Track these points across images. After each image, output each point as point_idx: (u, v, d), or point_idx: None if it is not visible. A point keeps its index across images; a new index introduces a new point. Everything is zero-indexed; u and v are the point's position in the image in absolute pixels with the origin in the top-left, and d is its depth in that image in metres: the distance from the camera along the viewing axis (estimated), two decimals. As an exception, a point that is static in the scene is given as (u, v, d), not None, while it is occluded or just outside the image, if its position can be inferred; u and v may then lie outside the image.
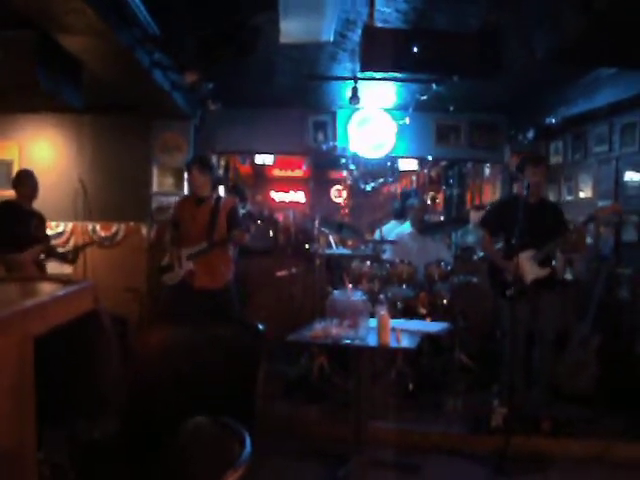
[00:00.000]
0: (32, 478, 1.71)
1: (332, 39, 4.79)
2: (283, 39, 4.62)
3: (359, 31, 4.83)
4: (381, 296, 5.11)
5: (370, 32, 4.43)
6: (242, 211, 6.76)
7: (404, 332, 4.51)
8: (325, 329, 4.43)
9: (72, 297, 2.18)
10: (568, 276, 6.98)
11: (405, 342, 4.34)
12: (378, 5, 4.46)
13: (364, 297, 4.54)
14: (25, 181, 6.31)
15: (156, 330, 2.66)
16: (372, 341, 4.28)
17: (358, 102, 6.69)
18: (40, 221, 6.43)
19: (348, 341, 4.30)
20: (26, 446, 1.69)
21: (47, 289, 2.48)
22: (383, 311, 4.34)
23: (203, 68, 5.36)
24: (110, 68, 5.39)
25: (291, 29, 4.45)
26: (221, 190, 8.45)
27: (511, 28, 4.71)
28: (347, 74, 6.47)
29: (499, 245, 5.74)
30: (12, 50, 4.99)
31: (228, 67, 5.63)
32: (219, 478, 1.42)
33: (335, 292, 4.79)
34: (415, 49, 4.29)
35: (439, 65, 4.65)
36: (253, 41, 4.48)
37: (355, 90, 6.56)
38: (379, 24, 4.69)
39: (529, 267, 5.29)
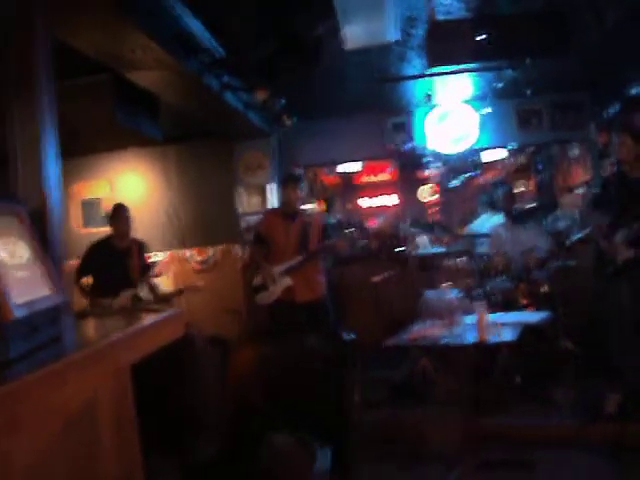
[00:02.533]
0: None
1: (397, 39, 4.75)
2: (348, 45, 4.61)
3: (423, 27, 4.77)
4: (477, 292, 5.01)
5: (433, 26, 4.37)
6: (332, 221, 6.75)
7: (504, 325, 4.41)
8: (422, 330, 4.39)
9: (162, 325, 2.21)
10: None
11: (505, 336, 4.24)
12: (437, -2, 4.41)
13: (457, 295, 4.47)
14: (121, 215, 6.16)
15: (248, 348, 2.69)
16: (470, 338, 4.20)
17: (432, 100, 6.61)
18: (138, 252, 6.24)
19: (446, 340, 4.24)
20: (133, 474, 1.72)
21: (137, 319, 2.54)
22: (480, 307, 4.26)
23: (271, 84, 5.41)
24: (183, 97, 5.52)
25: (354, 35, 4.44)
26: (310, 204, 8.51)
27: (574, 2, 4.55)
28: (418, 72, 6.40)
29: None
30: (90, 94, 5.20)
31: (297, 80, 5.67)
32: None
33: (427, 293, 4.74)
34: (480, 37, 4.21)
35: (507, 49, 4.55)
36: (317, 51, 4.49)
37: (428, 90, 6.49)
38: (442, 17, 4.63)
39: (621, 247, 5.03)
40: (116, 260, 6.01)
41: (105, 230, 7.32)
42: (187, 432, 2.43)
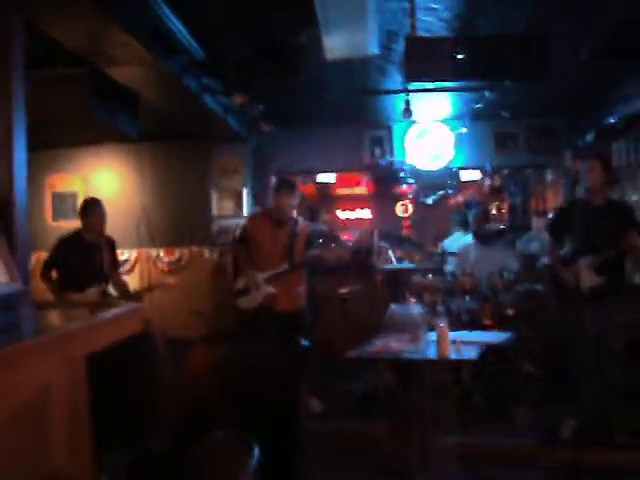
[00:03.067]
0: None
1: (377, 52, 4.77)
2: (329, 55, 4.62)
3: (404, 42, 4.80)
4: (440, 308, 5.05)
5: (412, 42, 4.40)
6: (320, 228, 6.73)
7: (465, 344, 4.43)
8: (385, 344, 4.40)
9: (119, 319, 2.20)
10: (638, 280, 6.73)
11: (466, 354, 4.27)
12: (420, 15, 4.44)
13: (422, 310, 4.49)
14: (94, 210, 5.99)
15: (204, 348, 2.68)
16: (432, 354, 4.22)
17: (411, 115, 6.65)
18: (108, 248, 6.11)
19: (408, 355, 4.25)
20: (85, 468, 1.70)
21: (95, 313, 2.53)
22: (442, 323, 4.28)
23: (250, 89, 5.41)
24: (161, 96, 5.52)
25: (335, 45, 4.45)
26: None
27: (556, 28, 4.62)
28: (398, 87, 6.45)
29: (565, 250, 5.56)
30: (68, 86, 5.17)
31: (276, 87, 5.68)
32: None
33: (393, 306, 4.75)
34: (459, 56, 4.25)
35: (486, 70, 4.58)
36: (297, 60, 4.51)
37: (407, 103, 6.52)
38: (423, 34, 4.67)
39: (586, 274, 5.08)
40: (86, 254, 5.88)
41: (76, 224, 7.28)
42: (139, 428, 2.42)
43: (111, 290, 6.17)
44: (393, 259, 7.39)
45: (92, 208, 6.03)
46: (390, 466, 4.84)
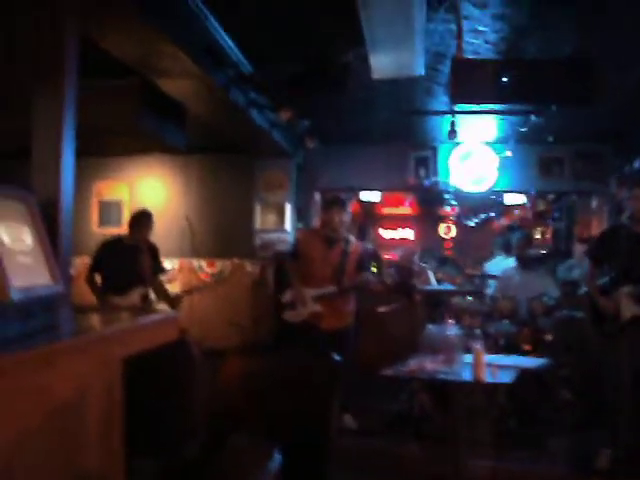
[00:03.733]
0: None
1: (423, 73, 4.79)
2: (375, 75, 4.65)
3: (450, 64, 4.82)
4: (477, 331, 5.02)
5: (458, 64, 4.40)
6: (370, 247, 6.68)
7: (500, 367, 4.40)
8: (420, 364, 4.39)
9: (156, 325, 2.24)
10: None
11: (501, 377, 4.23)
12: (467, 37, 4.46)
13: (459, 332, 4.47)
14: (144, 222, 6.13)
15: (237, 358, 2.71)
16: (467, 376, 4.20)
17: (456, 137, 6.65)
18: (150, 253, 6.20)
19: (442, 376, 4.24)
20: (115, 471, 1.74)
21: (133, 317, 2.57)
22: (478, 346, 4.26)
23: (296, 106, 5.46)
24: (208, 109, 5.60)
25: (382, 65, 4.49)
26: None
27: (603, 52, 4.59)
28: (444, 108, 6.46)
29: (605, 279, 5.48)
30: (118, 96, 5.30)
31: (322, 104, 5.73)
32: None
33: (430, 327, 4.74)
34: (505, 79, 4.24)
35: (531, 94, 4.56)
36: (343, 77, 4.55)
37: (453, 124, 6.53)
38: (469, 56, 4.68)
39: (626, 303, 5.00)
40: (127, 258, 5.99)
41: (121, 231, 7.40)
42: (172, 435, 2.46)
43: (152, 295, 6.22)
44: (433, 280, 7.36)
45: (142, 220, 6.15)
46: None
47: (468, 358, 4.33)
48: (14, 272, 1.64)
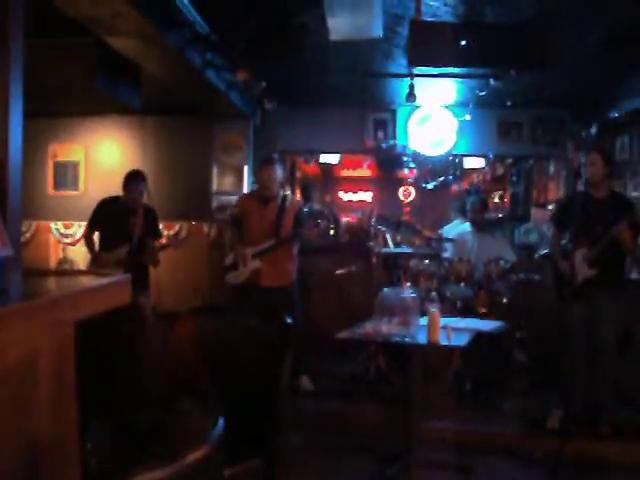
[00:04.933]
0: (75, 467, 1.73)
1: (382, 35, 4.76)
2: (332, 36, 4.60)
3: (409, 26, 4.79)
4: (433, 294, 5.06)
5: (417, 26, 4.38)
6: (306, 210, 6.72)
7: (456, 330, 4.45)
8: (375, 327, 4.41)
9: (109, 288, 2.21)
10: (634, 275, 6.73)
11: (456, 340, 4.28)
12: (425, -1, 4.43)
13: (414, 295, 4.50)
14: (131, 184, 6.12)
15: (188, 321, 2.70)
16: (422, 339, 4.24)
17: (415, 100, 6.63)
18: (144, 215, 6.25)
19: (398, 339, 4.27)
20: (68, 433, 1.72)
21: (86, 281, 2.55)
22: (433, 308, 4.29)
23: (254, 66, 5.40)
24: (163, 69, 5.51)
25: (339, 26, 4.44)
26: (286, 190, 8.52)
27: (563, 18, 4.60)
28: (403, 71, 6.43)
29: (564, 243, 5.55)
30: (73, 55, 5.19)
31: (280, 65, 5.66)
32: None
33: (385, 290, 4.76)
34: (464, 42, 4.23)
35: (490, 58, 4.57)
36: (300, 39, 4.50)
37: (411, 87, 6.50)
38: (428, 18, 4.65)
39: (580, 266, 5.10)
40: (118, 217, 6.07)
41: (75, 194, 7.30)
42: (123, 397, 2.45)
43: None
44: (390, 243, 7.39)
45: (129, 181, 6.16)
46: (375, 448, 4.89)
47: (424, 321, 4.37)
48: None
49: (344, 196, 16.73)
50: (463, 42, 4.25)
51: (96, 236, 6.25)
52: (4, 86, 2.85)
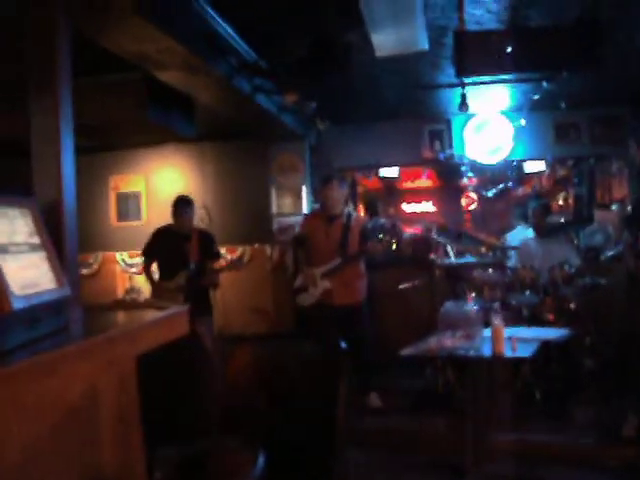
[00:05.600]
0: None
1: (428, 48, 4.75)
2: (378, 53, 4.62)
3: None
4: (495, 305, 4.99)
5: (461, 37, 4.36)
6: (370, 225, 6.70)
7: (521, 341, 4.38)
8: (439, 341, 4.38)
9: (167, 320, 2.24)
10: None
11: (520, 351, 4.21)
12: (468, 8, 4.39)
13: (477, 307, 4.45)
14: (179, 210, 6.25)
15: (245, 347, 2.72)
16: (486, 351, 4.18)
17: (467, 109, 6.56)
18: (198, 239, 6.33)
19: (462, 352, 4.23)
20: (135, 466, 1.75)
21: (145, 315, 2.59)
22: (497, 320, 4.24)
23: (303, 88, 5.45)
24: (213, 97, 5.61)
25: (384, 42, 4.45)
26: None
27: (610, 15, 4.50)
28: (453, 81, 6.38)
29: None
30: (123, 90, 5.34)
31: (328, 85, 5.69)
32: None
33: (447, 304, 4.72)
34: (510, 49, 4.19)
35: (538, 63, 4.49)
36: (346, 58, 4.52)
37: (463, 97, 6.44)
38: (472, 27, 4.62)
39: None
40: (172, 245, 6.20)
41: (138, 224, 7.45)
42: (187, 427, 2.48)
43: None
44: (451, 254, 7.32)
45: (177, 208, 6.27)
46: (444, 462, 4.82)
47: (488, 332, 4.32)
48: (17, 281, 1.64)
49: (407, 207, 16.62)
50: (509, 48, 4.21)
51: (155, 266, 6.38)
52: (55, 128, 2.94)
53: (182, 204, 6.28)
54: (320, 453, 2.26)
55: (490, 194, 11.69)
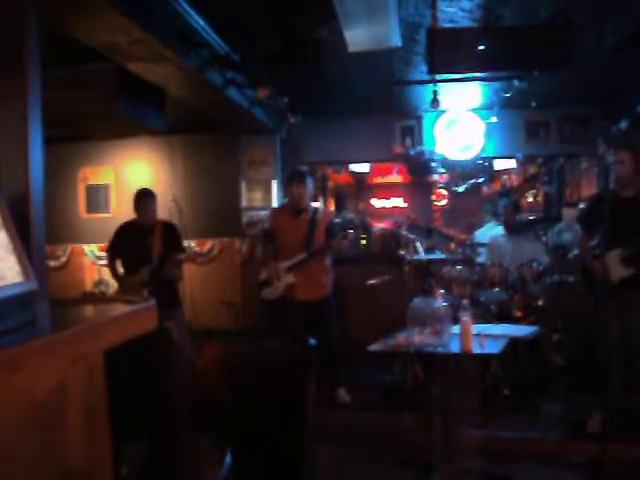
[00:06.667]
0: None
1: (400, 44, 4.76)
2: (351, 48, 4.63)
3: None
4: (465, 301, 5.00)
5: (434, 34, 4.37)
6: (337, 220, 6.70)
7: (489, 337, 4.40)
8: (408, 337, 4.38)
9: (135, 315, 2.22)
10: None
11: (489, 348, 4.23)
12: (442, 6, 4.41)
13: (446, 303, 4.46)
14: (140, 203, 6.13)
15: (213, 343, 2.71)
16: (455, 348, 4.20)
17: (439, 105, 6.60)
18: (162, 233, 6.15)
19: (430, 349, 4.23)
20: (102, 462, 1.73)
21: (112, 309, 2.57)
22: (465, 317, 4.25)
23: (275, 82, 5.43)
24: (185, 90, 5.57)
25: (356, 38, 4.45)
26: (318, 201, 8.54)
27: (582, 16, 4.54)
28: (425, 78, 6.40)
29: (595, 243, 5.47)
30: (94, 82, 5.27)
31: (301, 80, 5.68)
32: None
33: (416, 300, 4.72)
34: (482, 47, 4.20)
35: (510, 61, 4.52)
36: (317, 53, 4.50)
37: (435, 94, 6.47)
38: (445, 24, 4.64)
39: (615, 266, 5.00)
40: (138, 239, 6.07)
41: (107, 216, 7.39)
42: (155, 421, 2.47)
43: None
44: (421, 250, 7.34)
45: (139, 201, 6.15)
46: (413, 458, 4.85)
47: (457, 329, 4.33)
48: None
49: (377, 203, 16.66)
50: (482, 47, 4.22)
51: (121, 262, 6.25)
52: (22, 117, 2.89)
53: (144, 197, 6.16)
54: (288, 449, 2.26)
55: (460, 190, 11.75)
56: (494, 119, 8.06)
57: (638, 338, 4.97)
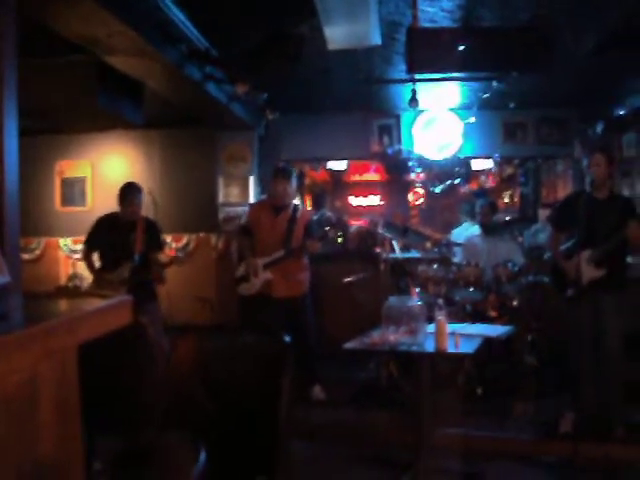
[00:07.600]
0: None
1: (380, 43, 4.76)
2: (330, 46, 4.61)
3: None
4: (439, 301, 5.02)
5: (414, 33, 4.38)
6: (315, 218, 6.70)
7: (464, 337, 4.42)
8: (382, 336, 4.39)
9: (109, 310, 2.20)
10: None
11: (463, 347, 4.25)
12: (422, 5, 4.42)
13: (420, 302, 4.47)
14: (127, 197, 5.90)
15: (187, 339, 2.69)
16: (429, 347, 4.21)
17: (417, 105, 6.62)
18: (144, 229, 5.95)
19: (405, 348, 4.24)
20: (74, 455, 1.72)
21: (86, 304, 2.55)
22: (440, 316, 4.26)
23: (254, 78, 5.41)
24: (163, 84, 5.54)
25: (336, 35, 4.45)
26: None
27: (562, 19, 4.58)
28: (404, 76, 6.41)
29: (568, 244, 5.50)
30: (72, 73, 5.22)
31: (280, 76, 5.67)
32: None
33: (391, 298, 4.73)
34: (462, 47, 4.22)
35: (489, 62, 4.56)
36: (298, 50, 4.50)
37: (414, 93, 6.49)
38: (425, 24, 4.65)
39: (586, 267, 5.05)
40: (119, 234, 5.85)
41: (83, 210, 7.31)
42: (128, 417, 2.46)
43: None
44: (397, 249, 7.36)
45: (125, 194, 5.94)
46: (387, 456, 4.86)
47: (432, 328, 4.34)
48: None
49: (354, 201, 16.65)
50: (461, 47, 4.24)
51: (97, 255, 6.05)
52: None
53: (131, 191, 5.95)
54: (263, 446, 2.26)
55: (437, 190, 11.77)
56: (472, 119, 8.10)
57: (609, 339, 5.01)
